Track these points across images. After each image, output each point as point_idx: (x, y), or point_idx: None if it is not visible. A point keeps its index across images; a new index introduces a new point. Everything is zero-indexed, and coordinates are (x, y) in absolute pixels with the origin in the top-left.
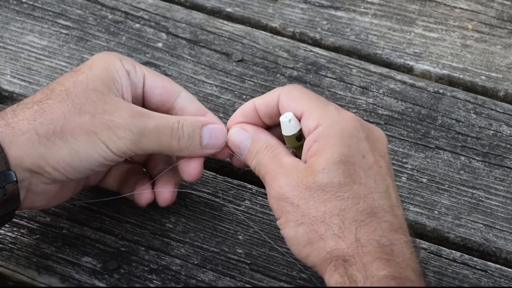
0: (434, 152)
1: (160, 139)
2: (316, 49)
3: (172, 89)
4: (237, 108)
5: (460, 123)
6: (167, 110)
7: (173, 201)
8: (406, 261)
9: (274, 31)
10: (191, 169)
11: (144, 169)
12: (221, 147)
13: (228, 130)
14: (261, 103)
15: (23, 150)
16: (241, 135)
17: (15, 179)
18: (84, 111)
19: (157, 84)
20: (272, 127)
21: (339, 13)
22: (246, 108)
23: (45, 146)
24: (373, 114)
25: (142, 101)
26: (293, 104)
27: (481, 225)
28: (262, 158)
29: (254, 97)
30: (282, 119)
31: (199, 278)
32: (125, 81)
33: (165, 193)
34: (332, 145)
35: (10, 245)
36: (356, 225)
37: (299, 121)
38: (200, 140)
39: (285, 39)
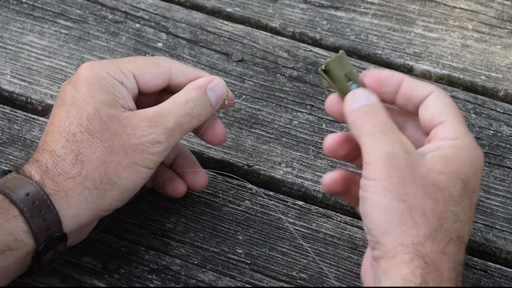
0: None
1: (184, 128)
2: (316, 49)
3: (162, 74)
4: (237, 108)
5: None
6: (164, 90)
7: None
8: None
9: (274, 31)
10: (218, 132)
11: None
12: (225, 96)
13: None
14: (410, 85)
15: (77, 208)
16: (366, 95)
17: (66, 240)
18: (115, 147)
19: (149, 78)
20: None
21: (339, 13)
22: (391, 75)
23: (97, 196)
24: None
25: (139, 95)
26: (441, 109)
27: (481, 225)
28: (377, 119)
29: (254, 97)
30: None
31: (199, 278)
32: (124, 92)
33: (201, 178)
34: (461, 163)
35: None
36: (447, 239)
37: (434, 127)
38: (211, 104)
39: (285, 39)
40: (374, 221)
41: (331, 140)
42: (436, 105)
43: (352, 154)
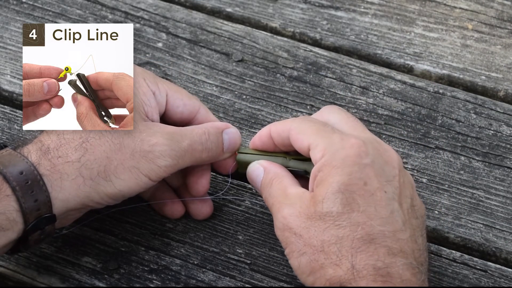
0: (434, 152)
1: (194, 156)
2: (316, 49)
3: (191, 107)
4: (237, 108)
5: (460, 123)
6: (185, 124)
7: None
8: (404, 282)
9: (274, 31)
10: (202, 182)
11: None
12: (237, 148)
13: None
14: (275, 131)
15: (69, 192)
16: (257, 169)
17: (55, 221)
18: (124, 146)
19: (179, 103)
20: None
21: (339, 13)
22: (263, 134)
23: (90, 187)
24: (373, 114)
25: (163, 116)
26: (301, 137)
27: (481, 225)
28: (270, 190)
29: (254, 97)
30: None
31: (199, 278)
32: (152, 102)
33: (207, 206)
34: (333, 174)
35: None
36: (352, 252)
37: (308, 153)
38: (222, 146)
39: (285, 39)
40: (302, 281)
41: None
42: (298, 135)
43: None
